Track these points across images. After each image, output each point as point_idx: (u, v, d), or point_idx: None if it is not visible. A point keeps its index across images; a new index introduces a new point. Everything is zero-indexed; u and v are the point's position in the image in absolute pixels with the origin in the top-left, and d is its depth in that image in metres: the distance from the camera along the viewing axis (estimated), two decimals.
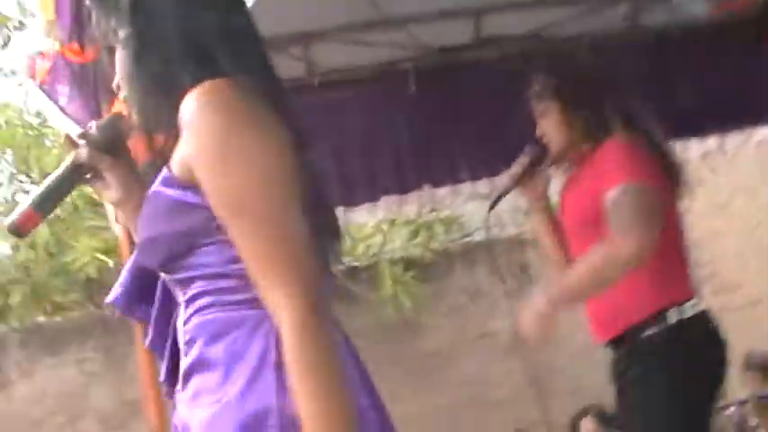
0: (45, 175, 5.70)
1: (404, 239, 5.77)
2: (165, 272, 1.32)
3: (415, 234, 5.75)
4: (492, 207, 2.81)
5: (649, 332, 2.44)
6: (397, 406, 5.79)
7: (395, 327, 5.63)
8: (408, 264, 5.55)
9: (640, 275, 2.42)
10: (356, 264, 5.61)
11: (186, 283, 1.28)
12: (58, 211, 5.71)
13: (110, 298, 1.42)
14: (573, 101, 2.58)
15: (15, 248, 5.82)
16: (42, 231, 5.46)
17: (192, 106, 1.23)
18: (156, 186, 1.30)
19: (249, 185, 1.20)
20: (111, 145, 1.47)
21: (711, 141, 3.92)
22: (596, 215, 2.42)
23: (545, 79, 2.64)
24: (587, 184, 2.52)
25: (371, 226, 5.60)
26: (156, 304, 1.37)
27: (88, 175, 1.50)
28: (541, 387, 5.82)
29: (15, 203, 5.98)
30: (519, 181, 2.69)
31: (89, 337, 5.25)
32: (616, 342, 2.53)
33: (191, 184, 1.24)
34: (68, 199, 5.38)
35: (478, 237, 5.97)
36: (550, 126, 2.62)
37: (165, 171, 1.29)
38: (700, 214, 6.51)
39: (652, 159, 2.51)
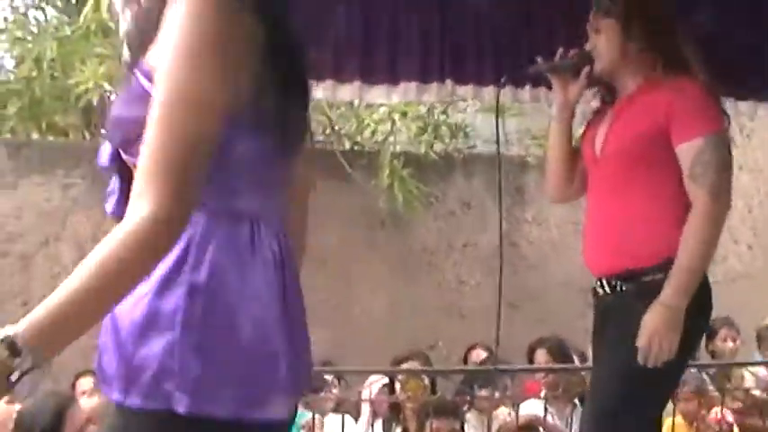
0: None
1: (411, 135, 5.69)
2: (123, 151, 1.36)
3: (422, 131, 5.67)
4: (531, 70, 2.74)
5: (658, 276, 2.37)
6: (373, 296, 5.87)
7: (385, 218, 5.62)
8: (408, 160, 5.50)
9: (663, 215, 2.39)
10: (357, 147, 5.56)
11: None
12: (68, 31, 5.63)
13: (100, 160, 1.43)
14: (639, 29, 2.47)
15: (20, 61, 5.71)
16: (49, 50, 5.34)
17: (174, 9, 1.26)
18: (137, 72, 1.34)
19: (176, 86, 1.23)
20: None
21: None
22: (648, 153, 2.39)
23: None
24: (643, 119, 2.43)
25: (382, 113, 5.51)
26: (117, 176, 1.41)
27: None
28: (512, 308, 5.89)
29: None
30: (555, 70, 2.62)
31: (79, 163, 5.19)
32: (615, 278, 2.46)
33: None
34: (81, 21, 5.28)
35: (482, 149, 5.93)
36: (603, 44, 2.53)
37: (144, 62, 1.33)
38: None
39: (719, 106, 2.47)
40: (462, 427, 3.95)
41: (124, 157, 1.36)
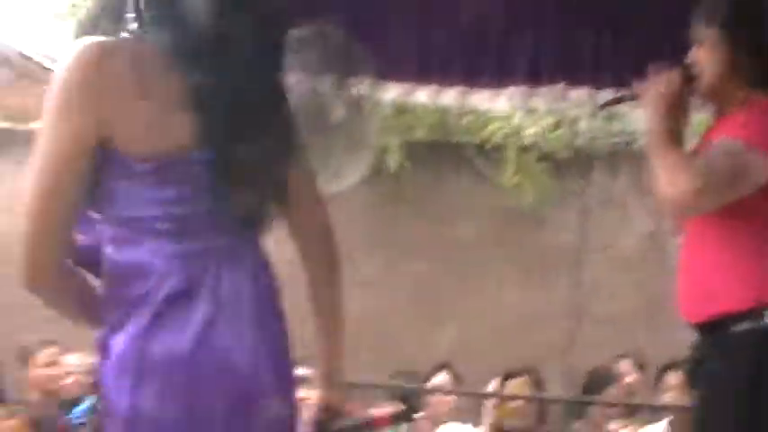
0: None
1: (544, 129, 5.44)
2: None
3: (556, 126, 5.41)
4: (602, 107, 2.56)
5: (742, 327, 2.13)
6: (500, 293, 5.62)
7: (518, 215, 5.45)
8: (543, 155, 5.27)
9: (744, 259, 2.13)
10: (486, 143, 5.38)
11: None
12: None
13: None
14: (747, 40, 2.18)
15: None
16: None
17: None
18: None
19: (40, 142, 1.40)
20: None
21: None
22: None
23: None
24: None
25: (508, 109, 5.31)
26: None
27: None
28: (652, 312, 5.57)
29: None
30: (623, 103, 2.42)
31: None
32: (703, 328, 2.22)
33: None
34: None
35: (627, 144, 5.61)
36: (706, 58, 2.26)
37: None
38: None
39: None
40: None
41: None
